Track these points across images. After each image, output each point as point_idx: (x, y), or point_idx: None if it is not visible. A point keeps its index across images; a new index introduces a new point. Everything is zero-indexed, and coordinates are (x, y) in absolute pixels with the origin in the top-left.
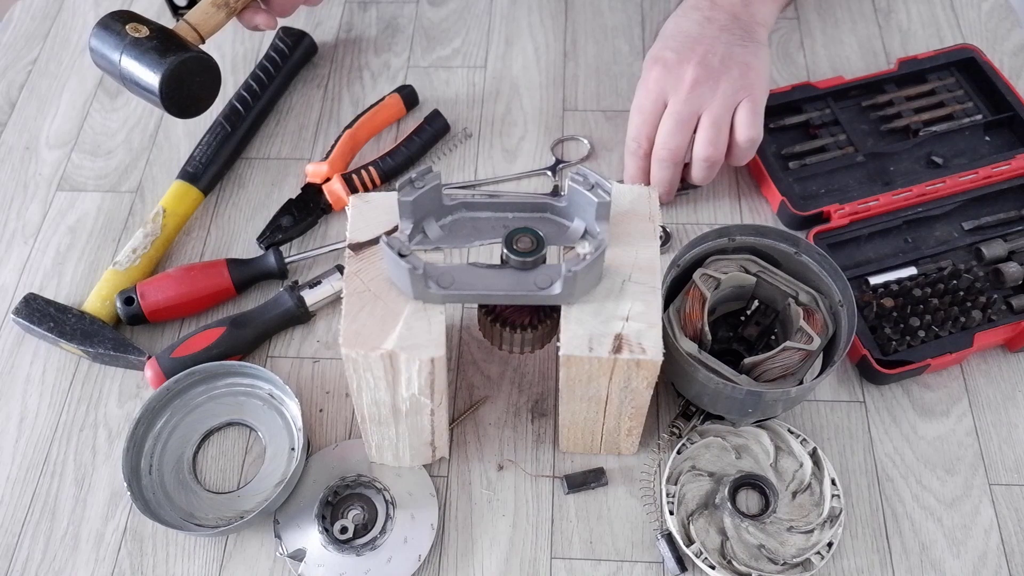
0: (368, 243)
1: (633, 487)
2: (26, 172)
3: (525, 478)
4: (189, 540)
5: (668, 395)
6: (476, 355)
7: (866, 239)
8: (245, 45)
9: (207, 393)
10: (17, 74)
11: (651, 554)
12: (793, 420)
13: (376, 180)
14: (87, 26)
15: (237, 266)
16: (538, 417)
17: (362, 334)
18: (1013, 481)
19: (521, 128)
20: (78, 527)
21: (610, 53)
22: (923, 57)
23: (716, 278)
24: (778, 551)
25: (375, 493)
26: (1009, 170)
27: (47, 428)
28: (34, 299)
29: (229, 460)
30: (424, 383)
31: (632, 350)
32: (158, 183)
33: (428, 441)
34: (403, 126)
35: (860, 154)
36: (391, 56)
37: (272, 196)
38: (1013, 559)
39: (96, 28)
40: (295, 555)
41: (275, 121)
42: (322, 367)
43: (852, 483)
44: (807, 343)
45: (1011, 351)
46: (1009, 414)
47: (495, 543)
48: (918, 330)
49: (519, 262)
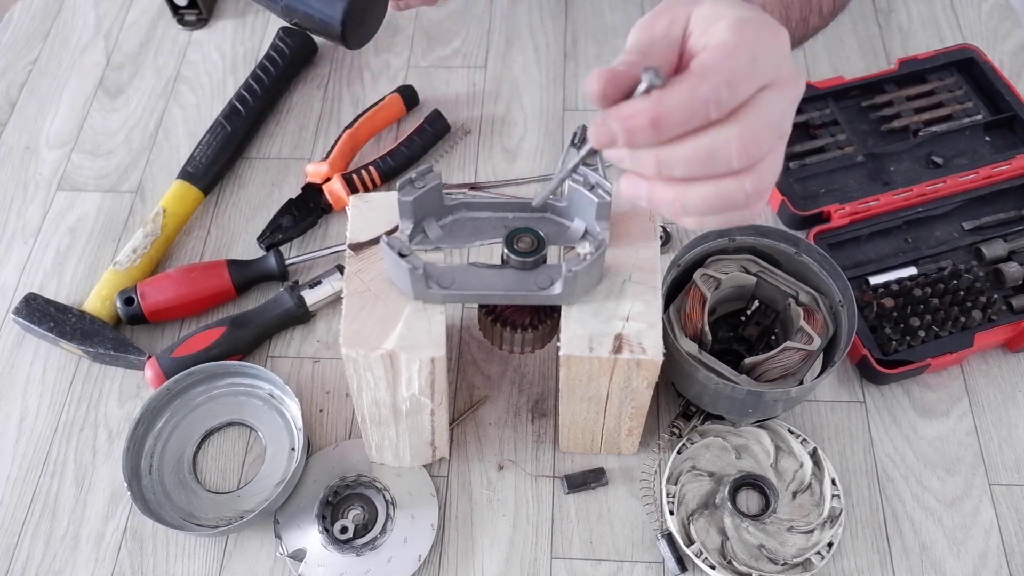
0: (368, 243)
1: (633, 487)
2: (26, 172)
3: (525, 478)
4: (189, 540)
5: (668, 395)
6: (476, 355)
7: (866, 239)
8: (245, 45)
9: (207, 393)
10: (17, 74)
11: (651, 554)
12: (793, 420)
13: (376, 180)
14: (87, 26)
15: (237, 267)
16: (538, 417)
17: (362, 334)
18: (1013, 481)
19: (521, 128)
20: (78, 527)
21: (610, 53)
22: (923, 57)
23: (716, 278)
24: (778, 551)
25: (375, 493)
26: (1009, 170)
27: (47, 428)
28: (34, 299)
29: (229, 460)
30: (424, 383)
31: (632, 350)
32: (158, 183)
33: (428, 441)
34: (403, 126)
35: (860, 154)
36: (391, 56)
37: (272, 196)
38: (1013, 559)
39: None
40: (295, 555)
41: (275, 121)
42: (322, 367)
43: (852, 483)
44: (807, 343)
45: (1011, 351)
46: (1009, 414)
47: (495, 543)
48: (918, 330)
49: (519, 262)
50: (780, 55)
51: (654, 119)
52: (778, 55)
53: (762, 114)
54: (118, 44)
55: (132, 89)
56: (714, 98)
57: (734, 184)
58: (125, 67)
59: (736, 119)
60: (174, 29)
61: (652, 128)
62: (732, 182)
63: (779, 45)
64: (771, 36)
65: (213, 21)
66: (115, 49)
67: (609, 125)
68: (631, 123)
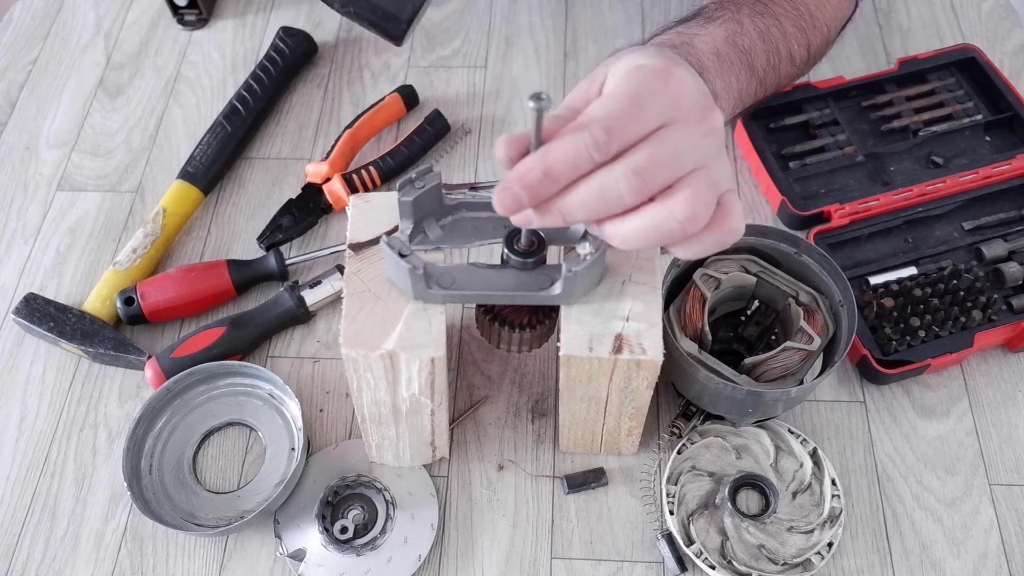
0: (368, 243)
1: (633, 487)
2: (26, 172)
3: (525, 478)
4: (189, 540)
5: (668, 395)
6: (476, 355)
7: (866, 239)
8: (245, 45)
9: (207, 393)
10: (17, 74)
11: (651, 554)
12: (793, 420)
13: (376, 180)
14: (87, 26)
15: (237, 267)
16: (538, 417)
17: (362, 334)
18: (1013, 481)
19: (521, 128)
20: (78, 527)
21: (610, 53)
22: (923, 57)
23: (716, 278)
24: (778, 551)
25: (375, 493)
26: (1009, 170)
27: (47, 428)
28: (34, 299)
29: (229, 460)
30: (424, 383)
31: (632, 350)
32: (158, 183)
33: (428, 441)
34: (403, 126)
35: (860, 154)
36: (391, 56)
37: (272, 196)
38: (1013, 559)
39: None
40: (295, 555)
41: (275, 121)
42: (322, 367)
43: (852, 483)
44: (807, 343)
45: (1011, 351)
46: (1009, 414)
47: (495, 543)
48: (918, 330)
49: (519, 262)
50: (674, 95)
51: (545, 170)
52: (670, 96)
53: (651, 151)
54: (118, 44)
55: (132, 89)
56: (593, 143)
57: (663, 213)
58: (125, 67)
59: (622, 159)
60: (174, 29)
61: (546, 178)
62: (660, 211)
63: (672, 86)
64: (660, 80)
65: (213, 21)
66: (115, 49)
67: (510, 190)
68: (526, 180)
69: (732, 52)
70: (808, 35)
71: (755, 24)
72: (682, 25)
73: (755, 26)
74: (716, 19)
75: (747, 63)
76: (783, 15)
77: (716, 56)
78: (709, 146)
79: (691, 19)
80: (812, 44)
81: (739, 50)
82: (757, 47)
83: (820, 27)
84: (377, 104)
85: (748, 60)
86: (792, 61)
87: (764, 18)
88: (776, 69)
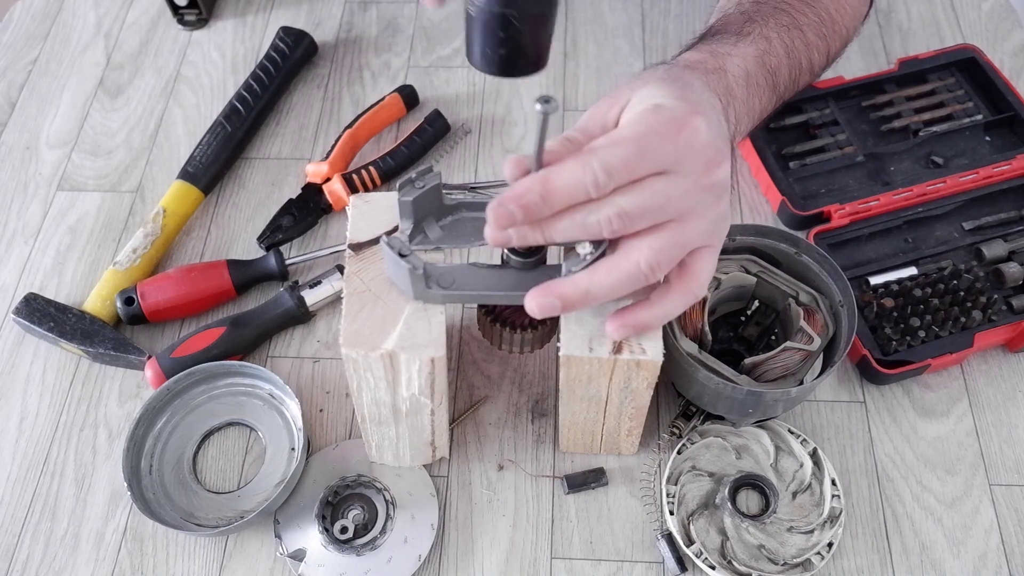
0: (368, 243)
1: (633, 487)
2: (26, 172)
3: (525, 478)
4: (189, 540)
5: (668, 395)
6: (476, 355)
7: (866, 239)
8: (245, 45)
9: (207, 393)
10: (17, 74)
11: (651, 554)
12: (793, 420)
13: (376, 180)
14: (87, 26)
15: (237, 267)
16: (538, 417)
17: (362, 334)
18: (1013, 481)
19: (521, 128)
20: (78, 527)
21: (611, 53)
22: (923, 57)
23: (716, 278)
24: (778, 551)
25: (375, 493)
26: (1009, 170)
27: (47, 428)
28: (34, 299)
29: (229, 460)
30: (424, 383)
31: (632, 350)
32: (158, 183)
33: (428, 441)
34: (403, 126)
35: (860, 154)
36: (391, 56)
37: (272, 196)
38: (1013, 559)
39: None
40: (295, 555)
41: (275, 121)
42: (322, 367)
43: (852, 483)
44: (807, 343)
45: (1011, 351)
46: (1009, 414)
47: (495, 543)
48: (918, 330)
49: (520, 262)
50: (683, 147)
51: (544, 194)
52: (679, 148)
53: (641, 199)
54: (118, 44)
55: (132, 89)
56: (593, 183)
57: (626, 263)
58: (125, 67)
59: (612, 198)
60: (174, 29)
61: (542, 202)
62: (623, 260)
63: (683, 137)
64: (673, 130)
65: (213, 21)
66: (115, 49)
67: (506, 207)
68: (524, 200)
69: (760, 73)
70: (828, 42)
71: (782, 40)
72: (715, 41)
73: (782, 42)
74: (747, 35)
75: (772, 83)
76: (807, 25)
77: (746, 81)
78: (701, 200)
79: (722, 33)
80: (832, 49)
81: (766, 70)
82: (782, 65)
83: (840, 30)
84: (377, 104)
85: (773, 80)
86: (812, 71)
87: (790, 32)
88: (795, 82)
